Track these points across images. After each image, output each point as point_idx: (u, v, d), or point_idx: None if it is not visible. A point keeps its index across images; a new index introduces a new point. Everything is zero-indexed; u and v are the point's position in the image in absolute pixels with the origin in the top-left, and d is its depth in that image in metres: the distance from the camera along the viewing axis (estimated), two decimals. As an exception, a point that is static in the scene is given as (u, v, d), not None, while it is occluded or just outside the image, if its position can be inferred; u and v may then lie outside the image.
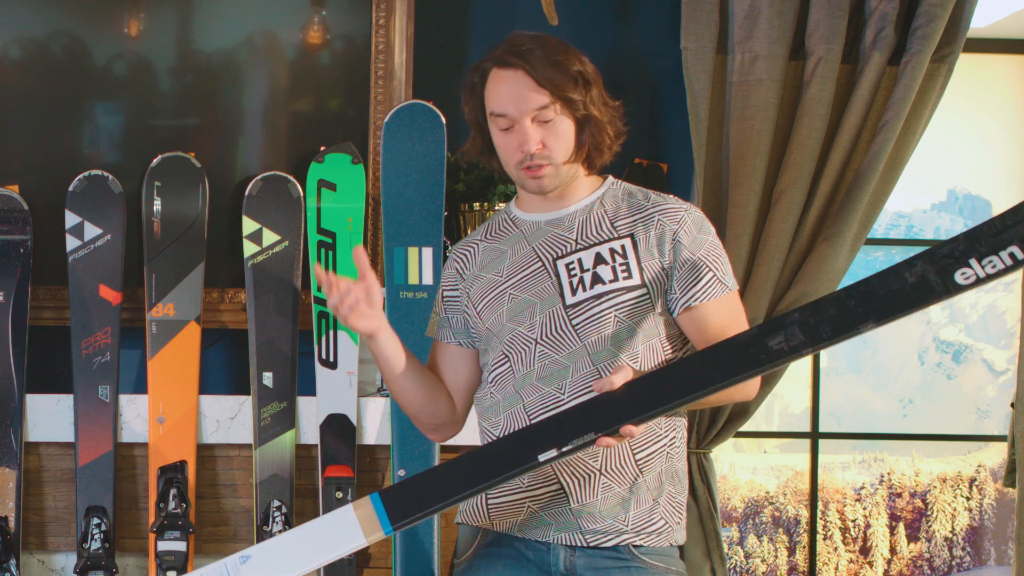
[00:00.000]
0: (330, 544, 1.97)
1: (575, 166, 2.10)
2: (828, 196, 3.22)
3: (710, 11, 3.20)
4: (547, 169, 2.07)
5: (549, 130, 2.06)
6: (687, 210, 2.12)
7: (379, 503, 1.97)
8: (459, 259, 2.22)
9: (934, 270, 1.83)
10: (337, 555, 1.97)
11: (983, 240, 1.81)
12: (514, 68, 2.05)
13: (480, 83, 2.11)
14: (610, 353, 2.05)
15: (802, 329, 1.88)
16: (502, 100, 2.06)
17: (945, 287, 1.83)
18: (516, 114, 2.05)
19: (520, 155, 2.07)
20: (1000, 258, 1.81)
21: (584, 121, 2.07)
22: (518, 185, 2.15)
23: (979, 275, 1.81)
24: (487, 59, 2.11)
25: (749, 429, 3.55)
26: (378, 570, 3.31)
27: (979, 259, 1.81)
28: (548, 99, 2.04)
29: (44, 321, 3.27)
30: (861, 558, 3.90)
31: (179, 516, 3.08)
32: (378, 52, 3.34)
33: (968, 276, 1.82)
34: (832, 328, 1.87)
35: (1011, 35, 3.83)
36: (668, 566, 2.09)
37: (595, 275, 2.07)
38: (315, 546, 1.97)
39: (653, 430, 2.07)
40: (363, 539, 1.96)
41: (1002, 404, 3.86)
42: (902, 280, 1.84)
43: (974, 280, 1.82)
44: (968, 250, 1.81)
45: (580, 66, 2.07)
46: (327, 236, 3.25)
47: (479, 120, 2.14)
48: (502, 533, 2.11)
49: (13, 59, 3.31)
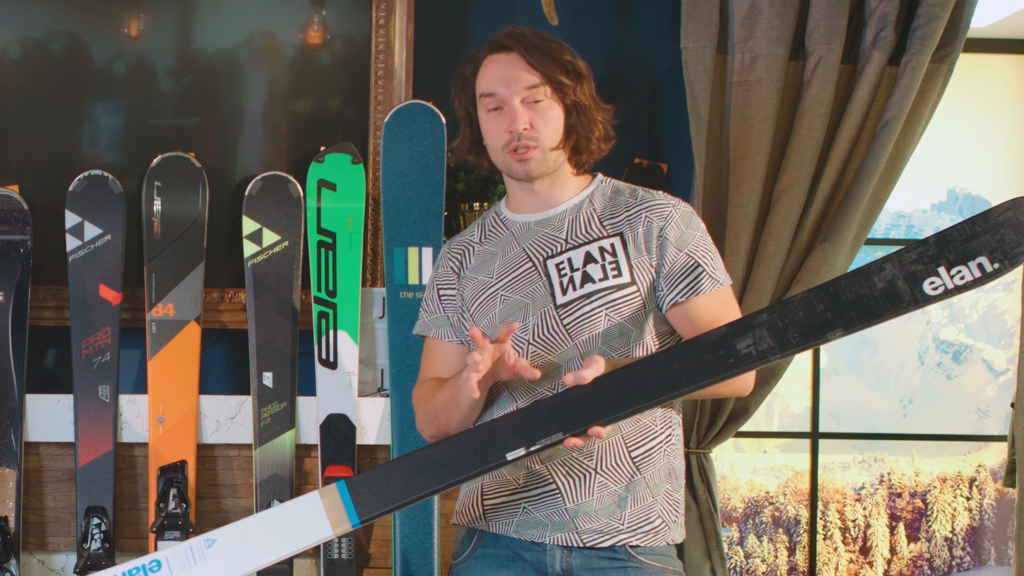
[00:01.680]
0: (297, 535, 1.96)
1: (562, 156, 2.11)
2: (828, 196, 3.22)
3: (710, 11, 3.20)
4: (534, 152, 2.08)
5: (538, 112, 2.07)
6: (675, 206, 2.11)
7: (346, 493, 1.96)
8: (456, 257, 2.21)
9: (903, 276, 1.81)
10: (303, 547, 1.96)
11: (952, 245, 1.79)
12: (508, 51, 2.09)
13: (472, 74, 2.13)
14: (601, 352, 2.05)
15: (771, 332, 1.86)
16: (493, 80, 2.09)
17: (914, 296, 1.81)
18: (507, 93, 2.07)
19: (508, 136, 2.08)
20: (968, 269, 1.79)
21: (573, 108, 2.09)
22: (505, 173, 2.15)
23: (947, 286, 1.80)
24: (480, 51, 2.13)
25: (749, 429, 3.55)
26: (378, 570, 3.31)
27: (948, 268, 1.79)
28: (539, 79, 2.07)
29: (44, 321, 3.27)
30: (861, 558, 3.89)
31: (179, 516, 3.08)
32: (378, 52, 3.34)
33: (937, 286, 1.80)
34: (800, 334, 1.85)
35: (1011, 35, 3.82)
36: (665, 566, 2.09)
37: (585, 274, 2.07)
38: (281, 536, 1.96)
39: (648, 427, 2.07)
40: (330, 531, 1.96)
41: (1002, 404, 3.86)
42: (871, 285, 1.83)
43: (943, 291, 1.80)
44: (937, 256, 1.80)
45: (572, 58, 2.11)
46: (327, 236, 3.25)
47: (469, 112, 2.15)
48: (498, 534, 2.11)
49: (13, 59, 3.31)
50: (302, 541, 1.96)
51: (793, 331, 1.85)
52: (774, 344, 1.86)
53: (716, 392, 2.05)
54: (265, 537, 1.97)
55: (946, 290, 1.80)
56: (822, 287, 1.87)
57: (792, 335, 1.85)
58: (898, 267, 1.82)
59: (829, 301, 1.84)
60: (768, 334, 1.86)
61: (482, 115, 2.12)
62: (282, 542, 1.96)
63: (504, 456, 1.93)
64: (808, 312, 1.85)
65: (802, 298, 1.87)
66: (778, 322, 1.86)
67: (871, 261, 1.84)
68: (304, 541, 1.96)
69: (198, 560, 1.97)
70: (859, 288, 1.83)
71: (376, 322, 3.30)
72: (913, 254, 1.81)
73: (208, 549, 1.97)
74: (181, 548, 1.98)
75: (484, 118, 2.12)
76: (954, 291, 1.81)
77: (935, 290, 1.80)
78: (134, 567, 1.97)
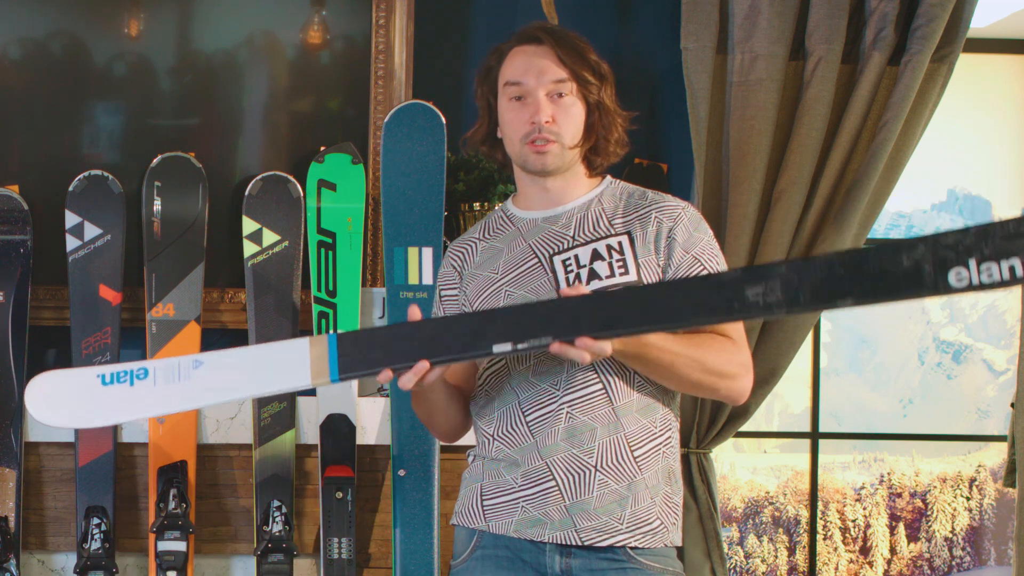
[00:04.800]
0: (279, 375, 1.96)
1: (578, 155, 2.11)
2: (828, 196, 3.22)
3: (710, 11, 3.20)
4: (553, 146, 2.08)
5: (561, 107, 2.08)
6: (684, 208, 2.12)
7: (334, 347, 1.96)
8: (456, 257, 2.22)
9: (932, 259, 1.79)
10: (282, 389, 1.97)
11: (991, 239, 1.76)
12: (539, 43, 2.10)
13: (497, 64, 2.13)
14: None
15: (783, 285, 1.84)
16: (520, 70, 2.09)
17: (935, 283, 1.79)
18: (533, 84, 2.07)
19: (529, 127, 2.08)
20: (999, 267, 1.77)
21: (595, 108, 2.10)
22: (519, 166, 2.15)
23: (972, 281, 1.78)
24: (507, 42, 2.14)
25: (749, 429, 3.56)
26: (378, 570, 3.31)
27: (979, 261, 1.78)
28: (567, 75, 2.08)
29: (44, 321, 3.27)
30: (861, 558, 3.90)
31: (179, 516, 3.08)
32: (378, 52, 3.34)
33: (962, 278, 1.79)
34: (811, 294, 1.83)
35: (1011, 35, 3.83)
36: (665, 567, 2.09)
37: (592, 271, 2.07)
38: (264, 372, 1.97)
39: (649, 428, 2.07)
40: (309, 380, 1.96)
41: (1002, 404, 3.86)
42: (897, 261, 1.80)
43: (966, 284, 1.78)
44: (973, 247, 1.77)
45: (598, 59, 2.13)
46: (327, 236, 3.25)
47: (490, 102, 2.15)
48: (498, 535, 2.11)
49: (13, 59, 3.31)
50: (282, 383, 1.97)
51: (805, 289, 1.83)
52: (783, 298, 1.84)
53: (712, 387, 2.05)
54: (249, 370, 1.98)
55: (970, 284, 1.77)
56: (849, 252, 1.86)
57: (803, 293, 1.83)
58: (931, 249, 1.79)
59: (852, 267, 1.82)
60: (780, 286, 1.84)
61: (503, 104, 2.12)
62: (264, 379, 1.97)
63: (491, 348, 1.92)
64: (828, 273, 1.83)
65: (826, 258, 1.85)
66: (794, 276, 1.84)
67: (906, 238, 1.83)
68: (284, 384, 1.96)
69: (182, 378, 1.97)
70: (885, 262, 1.80)
71: (376, 322, 3.30)
72: (951, 239, 1.78)
73: (194, 369, 1.97)
74: (170, 362, 1.98)
75: (505, 107, 2.11)
76: (978, 287, 1.78)
77: (959, 281, 1.78)
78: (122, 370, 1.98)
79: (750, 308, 1.86)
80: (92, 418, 2.00)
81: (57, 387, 2.00)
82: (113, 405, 1.97)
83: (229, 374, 1.98)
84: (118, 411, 1.99)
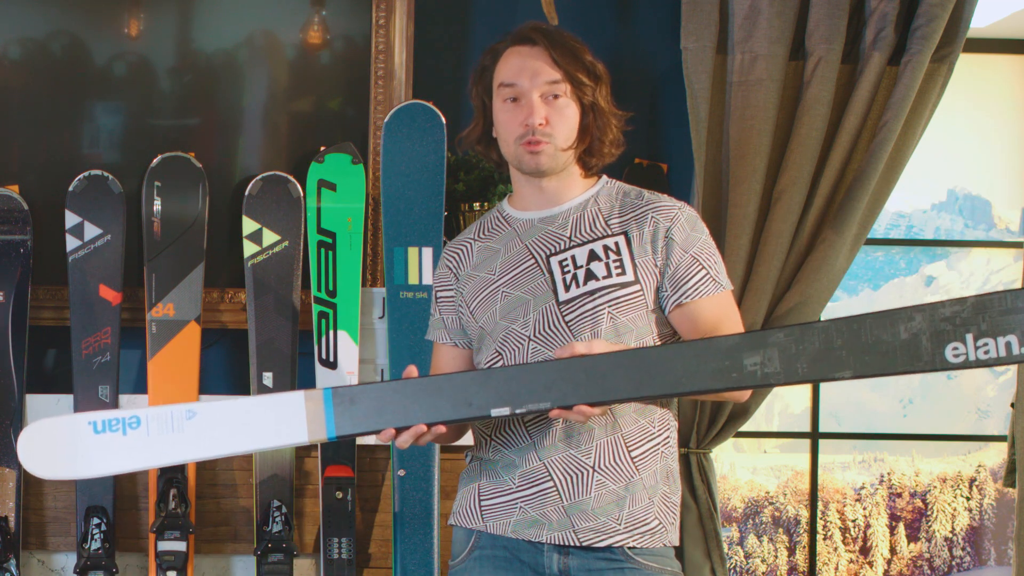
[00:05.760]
0: (275, 431, 1.96)
1: (573, 156, 2.11)
2: (828, 196, 3.22)
3: (710, 11, 3.20)
4: (546, 147, 2.07)
5: (555, 109, 2.07)
6: (680, 208, 2.12)
7: (330, 404, 1.95)
8: (452, 258, 2.21)
9: (929, 332, 1.78)
10: (279, 445, 1.97)
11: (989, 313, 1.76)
12: (533, 44, 2.09)
13: (491, 65, 2.13)
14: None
15: (781, 355, 1.85)
16: (514, 71, 2.08)
17: (933, 359, 1.78)
18: (528, 86, 2.07)
19: (522, 129, 2.07)
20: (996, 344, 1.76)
21: (590, 109, 2.09)
22: (513, 166, 2.14)
23: (969, 357, 1.76)
24: (501, 42, 2.13)
25: (749, 429, 3.56)
26: (378, 570, 3.31)
27: (976, 336, 1.76)
28: (561, 76, 2.07)
29: (44, 321, 3.27)
30: (861, 558, 3.89)
31: (179, 516, 3.08)
32: (378, 52, 3.34)
33: (959, 354, 1.77)
34: (809, 366, 1.84)
35: (1011, 35, 3.82)
36: (664, 567, 2.09)
37: (588, 271, 2.07)
38: (259, 428, 1.96)
39: (647, 428, 2.07)
40: (306, 437, 1.96)
41: (1002, 404, 3.86)
42: (895, 332, 1.80)
43: (963, 361, 1.76)
44: (969, 320, 1.76)
45: (593, 60, 2.12)
46: (327, 236, 3.25)
47: (484, 102, 2.15)
48: (496, 535, 2.11)
49: (13, 59, 3.31)
50: (278, 439, 1.96)
51: (803, 361, 1.84)
52: (780, 370, 1.85)
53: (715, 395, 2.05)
54: (243, 424, 1.97)
55: (966, 360, 1.77)
56: (846, 320, 1.84)
57: (801, 365, 1.84)
58: (928, 320, 1.78)
59: (849, 337, 1.82)
60: (778, 356, 1.85)
61: (497, 105, 2.11)
62: (259, 434, 1.96)
63: (489, 412, 1.93)
64: (824, 343, 1.83)
65: (823, 327, 1.84)
66: (792, 346, 1.84)
67: (903, 307, 1.81)
68: (280, 440, 1.96)
69: (175, 429, 1.96)
70: (882, 332, 1.80)
71: (376, 322, 3.30)
72: (947, 310, 1.78)
73: (187, 420, 1.97)
74: (162, 411, 1.97)
75: (499, 108, 2.11)
76: (974, 364, 1.77)
77: (956, 357, 1.77)
78: (114, 418, 1.97)
79: (748, 378, 1.88)
80: (85, 470, 1.98)
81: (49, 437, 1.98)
82: (106, 456, 1.97)
83: (223, 428, 1.97)
84: (111, 462, 1.98)
